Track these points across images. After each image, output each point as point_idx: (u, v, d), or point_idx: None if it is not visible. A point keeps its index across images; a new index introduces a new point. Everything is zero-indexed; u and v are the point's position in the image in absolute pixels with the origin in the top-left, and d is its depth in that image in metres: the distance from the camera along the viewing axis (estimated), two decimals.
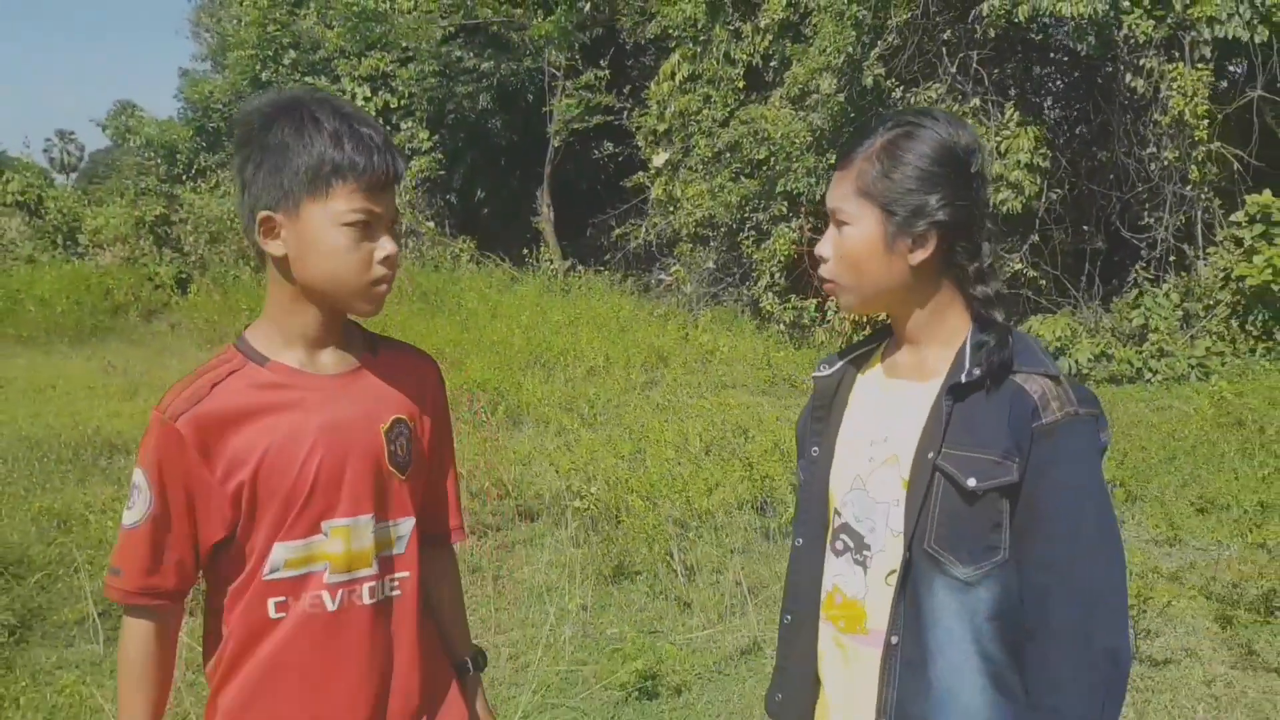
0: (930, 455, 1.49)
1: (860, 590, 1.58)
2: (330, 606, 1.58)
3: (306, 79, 18.25)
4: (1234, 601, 4.61)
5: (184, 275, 16.34)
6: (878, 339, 1.72)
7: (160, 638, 1.59)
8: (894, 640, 1.51)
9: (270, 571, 1.56)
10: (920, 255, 1.53)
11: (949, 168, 1.53)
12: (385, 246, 1.55)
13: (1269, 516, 5.54)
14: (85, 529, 5.17)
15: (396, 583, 1.65)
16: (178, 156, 18.39)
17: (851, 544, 1.60)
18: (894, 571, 1.52)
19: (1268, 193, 9.71)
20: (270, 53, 18.54)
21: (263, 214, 1.53)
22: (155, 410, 1.53)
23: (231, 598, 1.57)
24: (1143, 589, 4.46)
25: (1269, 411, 7.61)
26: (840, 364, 1.72)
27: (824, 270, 1.61)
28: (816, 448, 1.69)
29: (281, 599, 1.57)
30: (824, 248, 1.60)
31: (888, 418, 1.59)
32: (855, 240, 1.55)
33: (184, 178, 18.30)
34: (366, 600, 1.60)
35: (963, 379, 1.49)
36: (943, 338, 1.57)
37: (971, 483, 1.45)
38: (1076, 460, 1.45)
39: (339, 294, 1.57)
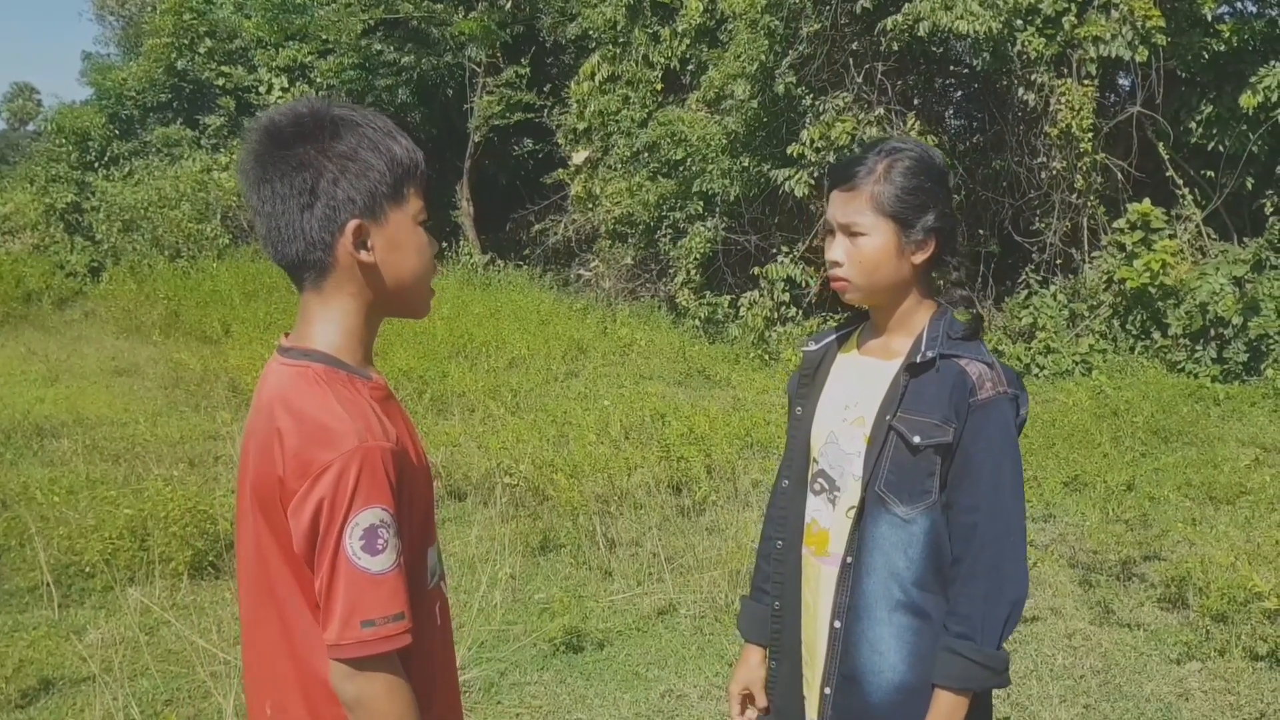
0: (888, 418, 1.91)
1: (829, 522, 2.00)
2: (448, 594, 1.70)
3: (224, 68, 18.19)
4: (1095, 567, 5.18)
5: (96, 264, 16.19)
6: (855, 323, 2.13)
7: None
8: (849, 560, 1.94)
9: (431, 578, 1.60)
10: (921, 256, 1.94)
11: (939, 184, 1.95)
12: (434, 242, 1.62)
13: (1132, 494, 6.14)
14: (31, 505, 5.35)
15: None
16: (90, 143, 18.13)
17: (826, 486, 2.02)
18: (853, 507, 1.94)
19: (1147, 201, 10.41)
20: (186, 41, 18.40)
21: (353, 223, 1.50)
22: (353, 444, 1.42)
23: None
24: None
25: (1141, 403, 8.27)
26: (826, 340, 2.14)
27: (838, 272, 1.97)
28: (800, 408, 2.10)
29: (438, 603, 1.63)
30: (836, 255, 1.96)
31: (858, 387, 2.01)
32: (872, 249, 1.92)
33: (96, 165, 18.05)
34: (448, 594, 1.70)
35: (918, 359, 1.91)
36: (908, 326, 1.98)
37: (916, 439, 1.87)
38: (1003, 430, 1.88)
39: (418, 295, 1.61)
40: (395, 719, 1.45)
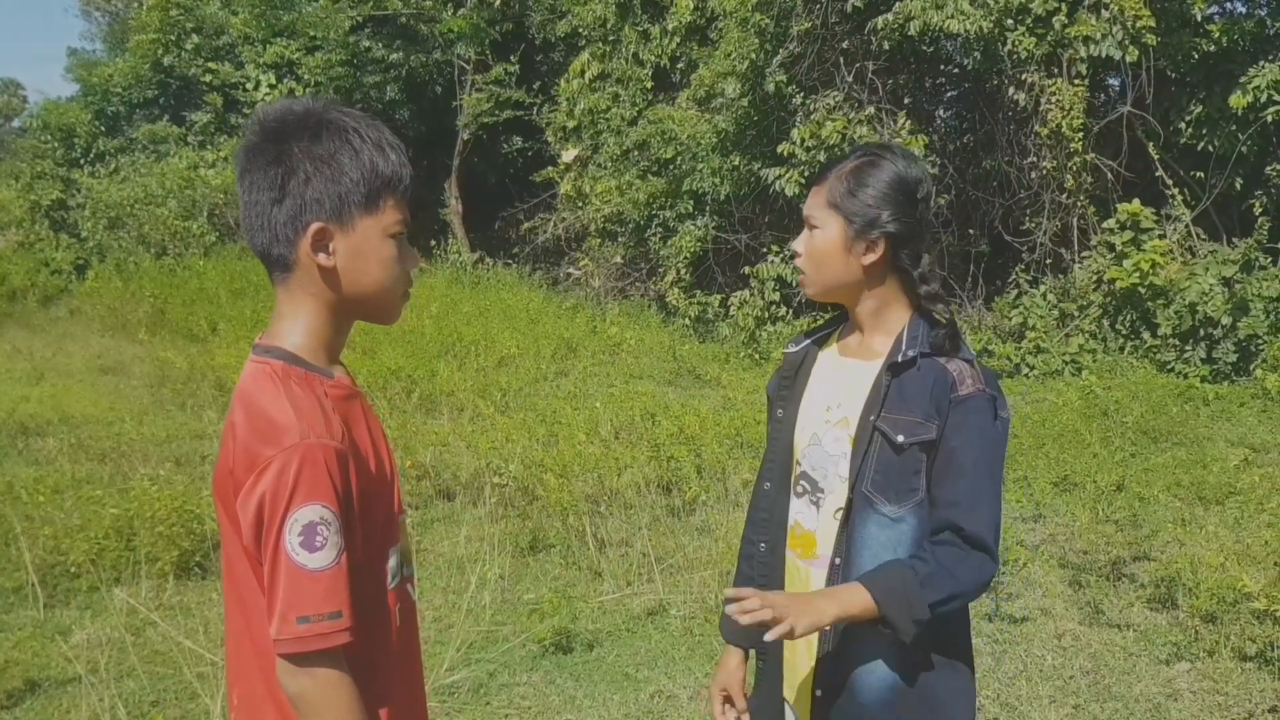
0: (871, 418, 1.91)
1: (814, 524, 2.00)
2: (414, 595, 1.72)
3: (210, 65, 18.06)
4: (1084, 568, 5.17)
5: (82, 261, 16.08)
6: (835, 324, 2.13)
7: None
8: (837, 561, 1.93)
9: (393, 578, 1.61)
10: (870, 258, 1.94)
11: (900, 192, 1.95)
12: (414, 256, 1.63)
13: (1121, 494, 6.14)
14: (16, 504, 5.31)
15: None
16: (75, 140, 18.00)
17: (809, 488, 2.01)
18: (840, 509, 1.93)
19: (1136, 201, 10.41)
20: (173, 37, 18.27)
21: (316, 226, 1.51)
22: (295, 441, 1.43)
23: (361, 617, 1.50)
24: (1008, 558, 4.98)
25: (1131, 404, 8.28)
26: (805, 343, 2.14)
27: (797, 263, 2.02)
28: (782, 410, 2.10)
29: (400, 603, 1.64)
30: (797, 245, 2.01)
31: (840, 389, 2.01)
32: (821, 241, 1.96)
33: (82, 162, 17.93)
34: (414, 595, 1.74)
35: (899, 359, 1.92)
36: (886, 327, 1.98)
37: (900, 438, 1.87)
38: (980, 426, 1.87)
39: (383, 305, 1.62)
40: (335, 715, 1.45)
